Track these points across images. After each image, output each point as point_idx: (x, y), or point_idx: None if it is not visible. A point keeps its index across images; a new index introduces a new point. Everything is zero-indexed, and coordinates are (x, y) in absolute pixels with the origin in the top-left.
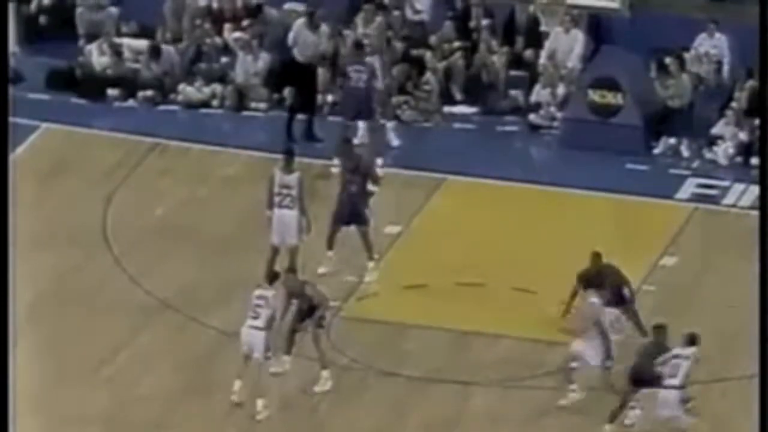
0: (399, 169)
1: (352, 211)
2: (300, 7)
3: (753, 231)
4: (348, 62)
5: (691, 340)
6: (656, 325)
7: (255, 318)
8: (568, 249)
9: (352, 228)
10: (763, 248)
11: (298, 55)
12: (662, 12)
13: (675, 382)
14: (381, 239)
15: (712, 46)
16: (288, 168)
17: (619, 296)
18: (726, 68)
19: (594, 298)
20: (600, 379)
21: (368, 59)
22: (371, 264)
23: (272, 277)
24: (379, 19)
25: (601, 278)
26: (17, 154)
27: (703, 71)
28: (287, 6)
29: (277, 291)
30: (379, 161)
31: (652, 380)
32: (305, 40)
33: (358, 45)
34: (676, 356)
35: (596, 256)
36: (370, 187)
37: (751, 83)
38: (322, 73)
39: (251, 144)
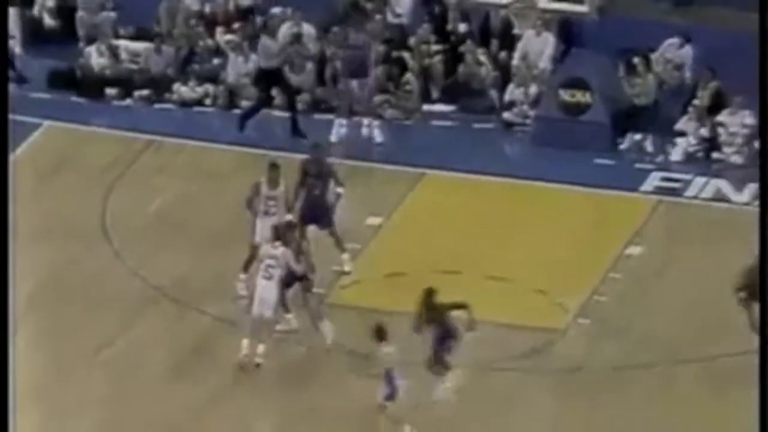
0: (381, 164)
1: (316, 213)
2: (288, 12)
3: (713, 222)
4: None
5: None
6: None
7: (268, 278)
8: (540, 239)
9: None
10: (763, 243)
11: (263, 63)
12: (629, 15)
13: None
14: (363, 230)
15: (677, 56)
16: (273, 181)
17: (448, 331)
18: (688, 74)
19: (387, 348)
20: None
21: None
22: (345, 256)
23: (276, 234)
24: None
25: (435, 314)
26: (20, 151)
27: (666, 75)
28: (273, 11)
29: (285, 249)
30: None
31: None
32: (267, 49)
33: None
34: None
35: (428, 292)
36: (338, 189)
37: (715, 83)
38: (306, 73)
39: (242, 141)
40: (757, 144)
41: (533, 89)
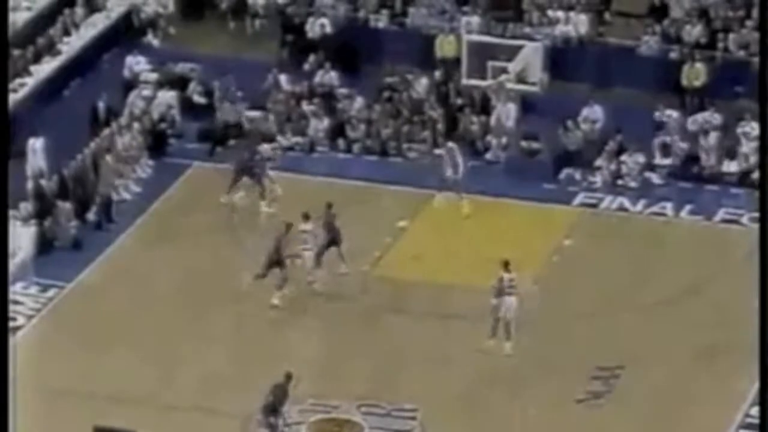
0: (406, 187)
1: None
2: (347, 91)
3: (617, 225)
4: None
5: None
6: None
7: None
8: (509, 234)
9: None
10: (763, 257)
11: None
12: (564, 94)
13: None
14: (396, 230)
15: (592, 113)
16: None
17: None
18: (601, 129)
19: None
20: None
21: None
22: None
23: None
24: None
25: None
26: (183, 176)
27: (587, 128)
28: (340, 90)
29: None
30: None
31: None
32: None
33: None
34: None
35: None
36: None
37: (619, 136)
38: (359, 130)
39: (316, 171)
40: (646, 174)
41: (504, 140)
